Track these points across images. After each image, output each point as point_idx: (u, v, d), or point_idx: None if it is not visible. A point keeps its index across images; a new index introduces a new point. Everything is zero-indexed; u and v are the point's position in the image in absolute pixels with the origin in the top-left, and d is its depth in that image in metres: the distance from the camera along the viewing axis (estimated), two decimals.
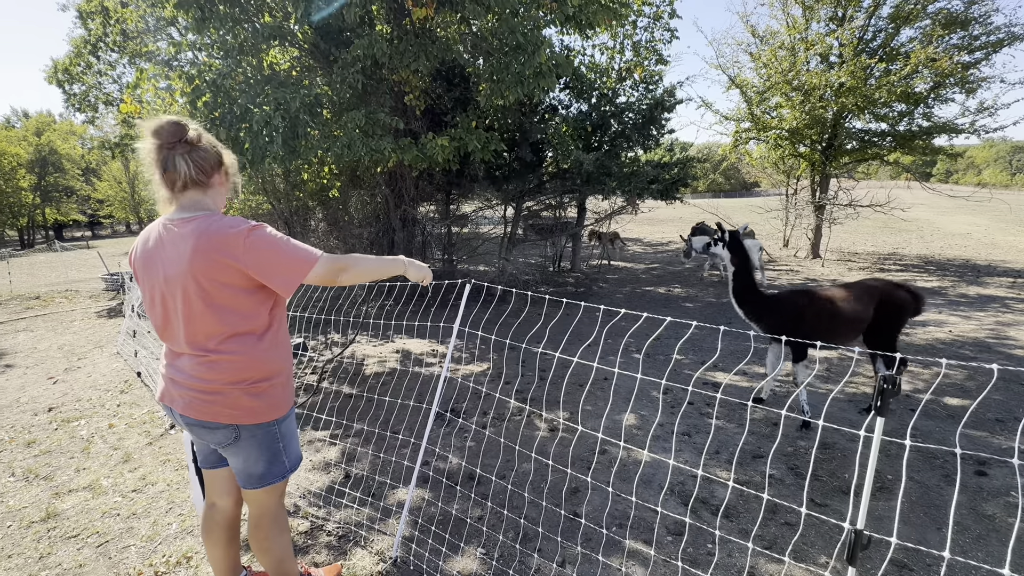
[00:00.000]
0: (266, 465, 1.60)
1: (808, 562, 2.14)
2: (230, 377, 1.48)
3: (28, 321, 8.18)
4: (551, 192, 9.29)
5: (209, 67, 6.30)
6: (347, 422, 3.59)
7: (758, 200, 30.07)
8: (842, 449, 3.09)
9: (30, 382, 4.97)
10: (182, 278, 1.40)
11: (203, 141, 1.49)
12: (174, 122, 1.42)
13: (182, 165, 1.43)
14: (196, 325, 1.44)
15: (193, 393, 1.49)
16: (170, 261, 1.42)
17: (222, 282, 1.40)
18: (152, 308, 1.52)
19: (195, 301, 1.41)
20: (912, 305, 3.43)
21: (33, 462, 3.26)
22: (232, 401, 1.49)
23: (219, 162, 1.53)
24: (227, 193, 1.61)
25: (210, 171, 1.49)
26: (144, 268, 1.50)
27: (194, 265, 1.38)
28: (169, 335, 1.53)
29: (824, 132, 11.36)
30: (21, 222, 35.28)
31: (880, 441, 1.22)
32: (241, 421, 1.52)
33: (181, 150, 1.43)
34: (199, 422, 1.52)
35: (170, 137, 1.42)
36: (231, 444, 1.55)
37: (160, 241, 1.46)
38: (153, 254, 1.47)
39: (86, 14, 8.55)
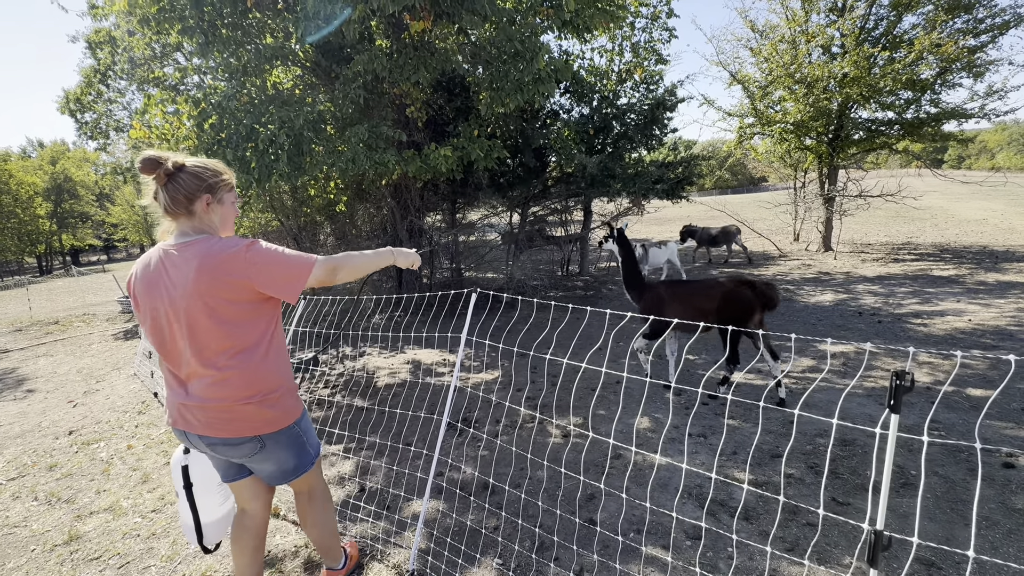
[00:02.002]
0: (296, 460, 1.72)
1: (831, 563, 2.09)
2: (244, 392, 1.53)
3: (48, 346, 8.34)
4: (556, 196, 9.29)
5: (214, 90, 6.43)
6: (360, 435, 3.60)
7: (766, 195, 29.81)
8: (862, 445, 3.03)
9: (51, 406, 5.06)
10: (188, 299, 1.45)
11: (184, 172, 1.51)
12: (147, 157, 1.47)
13: (161, 196, 1.50)
14: (204, 343, 1.49)
15: (211, 413, 1.53)
16: (174, 284, 1.47)
17: (228, 299, 1.47)
18: (155, 332, 1.54)
19: (202, 320, 1.47)
20: (757, 301, 3.63)
21: (55, 485, 3.31)
22: (251, 415, 1.55)
23: (202, 189, 1.53)
24: (226, 217, 1.63)
25: (187, 200, 1.51)
26: (146, 292, 1.52)
27: (200, 286, 1.44)
28: (173, 358, 1.55)
29: (830, 123, 11.24)
30: (39, 249, 36.12)
31: (897, 437, 1.19)
32: (263, 431, 1.59)
33: (159, 182, 1.50)
34: (222, 440, 1.57)
35: (147, 171, 1.48)
36: (257, 454, 1.63)
37: (161, 266, 1.51)
38: (155, 279, 1.51)
39: (95, 44, 8.79)
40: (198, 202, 1.53)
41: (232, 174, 1.65)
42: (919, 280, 7.87)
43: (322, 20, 4.85)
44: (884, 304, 6.51)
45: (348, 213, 9.28)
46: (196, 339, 1.49)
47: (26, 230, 32.07)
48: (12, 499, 3.18)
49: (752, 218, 17.15)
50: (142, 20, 5.63)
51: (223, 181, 1.59)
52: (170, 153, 1.52)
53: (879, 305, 6.47)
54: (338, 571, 2.09)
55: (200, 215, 1.54)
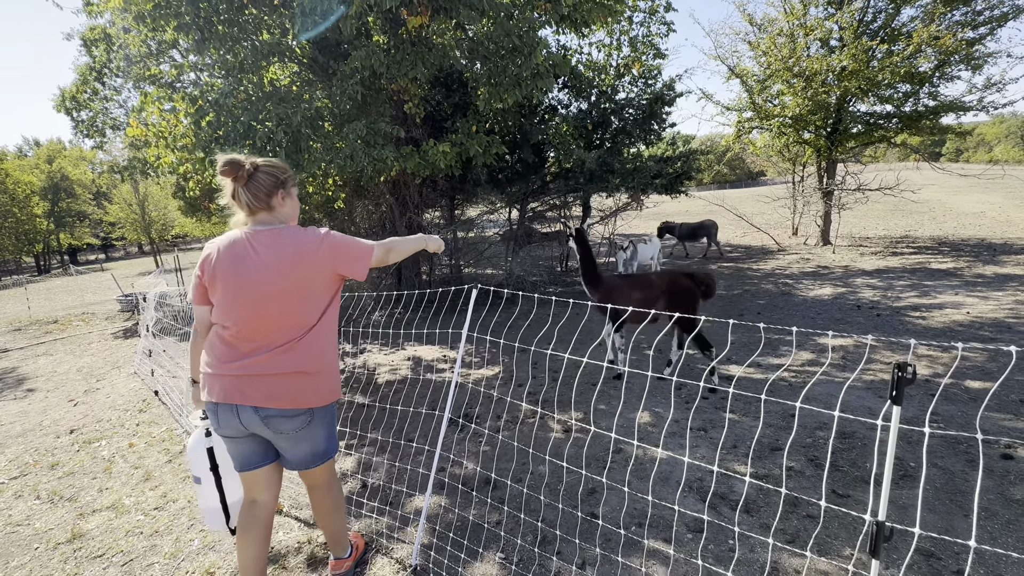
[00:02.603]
0: (327, 442, 1.86)
1: (832, 555, 2.11)
2: (308, 364, 1.71)
3: (48, 345, 8.33)
4: (555, 192, 9.28)
5: (211, 87, 6.40)
6: (362, 432, 3.61)
7: (764, 189, 29.81)
8: (862, 438, 3.05)
9: (52, 405, 5.06)
10: (284, 279, 1.65)
11: (260, 171, 1.70)
12: (229, 161, 1.65)
13: (243, 195, 1.69)
14: (287, 318, 1.67)
15: (275, 384, 1.67)
16: (266, 264, 1.65)
17: (312, 280, 1.69)
18: (235, 307, 1.66)
19: (292, 297, 1.66)
20: (696, 289, 4.04)
21: (57, 484, 3.32)
22: (309, 386, 1.72)
23: (276, 186, 1.73)
24: (294, 208, 1.83)
25: (267, 196, 1.71)
26: (231, 269, 1.66)
27: (297, 268, 1.66)
28: (249, 329, 1.67)
29: (828, 117, 11.23)
30: (37, 248, 35.99)
31: (898, 429, 1.20)
32: (315, 404, 1.75)
33: (240, 183, 1.68)
34: (279, 412, 1.69)
35: (229, 174, 1.66)
36: (304, 428, 1.76)
37: (249, 248, 1.67)
38: (243, 257, 1.66)
39: (90, 42, 8.74)
40: (275, 197, 1.73)
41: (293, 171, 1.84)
42: (917, 273, 7.88)
43: (318, 16, 4.82)
44: (883, 297, 6.52)
45: (347, 210, 9.26)
46: (281, 314, 1.66)
47: (23, 229, 31.93)
48: (14, 498, 3.19)
49: (751, 212, 17.16)
50: (137, 17, 5.60)
51: (290, 176, 1.80)
52: (243, 156, 1.69)
53: (878, 298, 6.49)
54: (346, 560, 2.15)
55: (277, 208, 1.75)
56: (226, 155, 1.65)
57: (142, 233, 29.81)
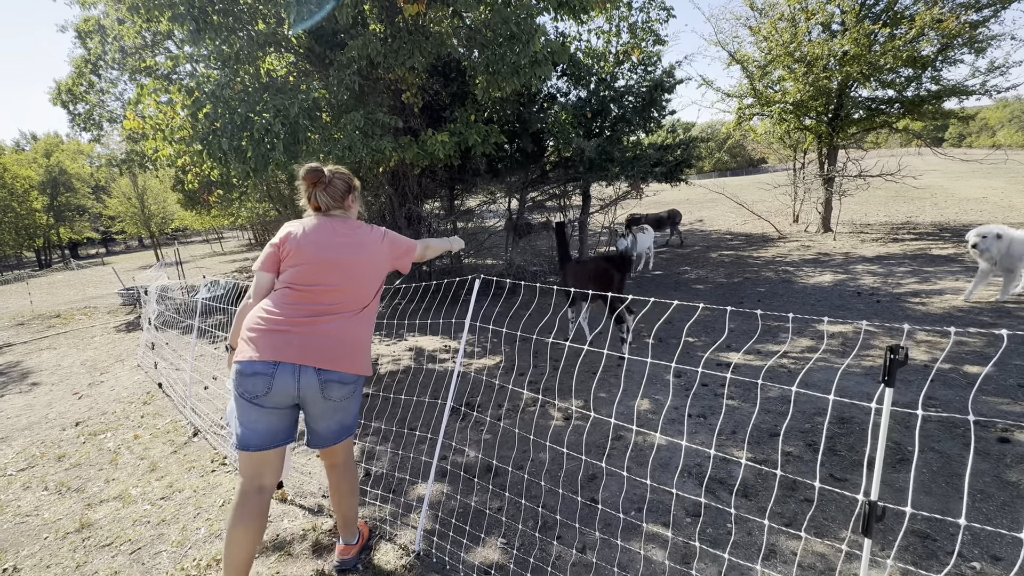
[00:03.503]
0: (354, 417, 2.04)
1: (828, 537, 2.14)
2: (363, 335, 1.96)
3: (51, 339, 8.38)
4: (554, 181, 9.24)
5: (208, 78, 6.36)
6: (365, 421, 3.64)
7: (765, 176, 29.65)
8: (860, 423, 3.07)
9: (57, 398, 5.10)
10: (355, 259, 1.95)
11: (336, 178, 2.04)
12: (313, 169, 1.98)
13: (323, 198, 2.03)
14: (357, 292, 1.95)
15: (340, 347, 1.87)
16: (346, 245, 1.96)
17: (373, 266, 2.01)
18: (316, 273, 1.90)
19: (358, 276, 1.95)
20: (612, 268, 4.64)
21: (64, 475, 3.36)
22: (364, 354, 1.96)
23: (349, 190, 2.07)
24: (357, 209, 2.17)
25: (342, 198, 2.06)
26: (320, 242, 1.94)
27: (364, 254, 1.98)
28: (325, 296, 1.90)
29: (829, 103, 11.13)
30: (37, 243, 36.00)
31: (891, 412, 1.21)
32: (365, 372, 1.97)
33: (320, 187, 2.01)
34: (337, 375, 1.86)
35: (311, 179, 1.99)
36: (349, 398, 1.94)
37: (332, 228, 1.98)
38: (328, 233, 1.96)
39: (84, 33, 8.66)
40: (348, 199, 2.08)
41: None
42: (918, 259, 7.87)
43: (314, 5, 4.78)
44: (883, 284, 6.52)
45: None
46: (351, 287, 1.93)
47: (23, 224, 31.91)
48: (23, 489, 3.23)
49: (751, 200, 17.09)
50: (131, 7, 5.55)
51: (356, 184, 2.13)
52: (321, 165, 2.01)
53: (878, 285, 6.49)
54: (354, 546, 2.20)
55: (349, 208, 2.10)
56: (307, 164, 1.99)
57: (142, 227, 29.77)
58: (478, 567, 2.13)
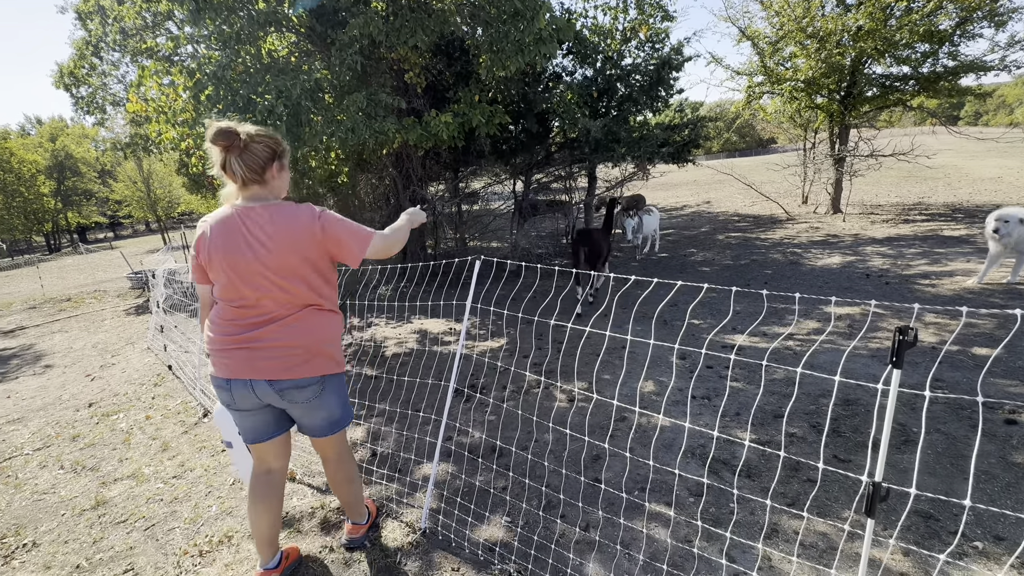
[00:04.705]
0: (341, 409, 1.90)
1: (831, 517, 2.15)
2: (317, 336, 1.74)
3: (62, 322, 8.50)
4: (559, 163, 9.14)
5: (209, 59, 6.28)
6: (370, 403, 3.69)
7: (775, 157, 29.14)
8: (865, 404, 3.06)
9: (70, 380, 5.20)
10: (283, 255, 1.63)
11: (255, 142, 1.63)
12: (223, 130, 1.57)
13: (237, 166, 1.63)
14: (288, 294, 1.67)
15: (286, 356, 1.69)
16: (260, 241, 1.62)
17: (306, 256, 1.66)
18: (234, 284, 1.65)
19: (287, 274, 1.65)
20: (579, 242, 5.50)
21: (79, 455, 3.44)
22: (320, 354, 1.75)
23: (271, 158, 1.68)
24: (286, 181, 1.78)
25: (261, 169, 1.65)
26: (224, 247, 1.64)
27: (295, 244, 1.63)
28: (251, 306, 1.68)
29: (842, 80, 10.85)
30: (46, 227, 36.32)
31: (897, 394, 1.20)
32: (327, 372, 1.79)
33: (234, 153, 1.62)
34: (292, 382, 1.72)
35: (222, 144, 1.60)
36: (318, 397, 1.79)
37: (241, 223, 1.64)
38: (235, 234, 1.63)
39: (84, 14, 8.56)
40: (270, 169, 1.68)
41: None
42: (929, 241, 7.76)
43: None
44: (892, 265, 6.44)
45: (350, 184, 9.20)
46: (281, 290, 1.66)
47: (32, 208, 32.15)
48: (39, 468, 3.31)
49: (760, 181, 16.84)
50: None
51: (284, 149, 1.75)
52: (236, 124, 1.61)
53: (887, 266, 6.41)
54: (363, 526, 2.23)
55: (270, 181, 1.70)
56: (217, 123, 1.56)
57: (148, 211, 29.92)
58: (483, 544, 2.16)
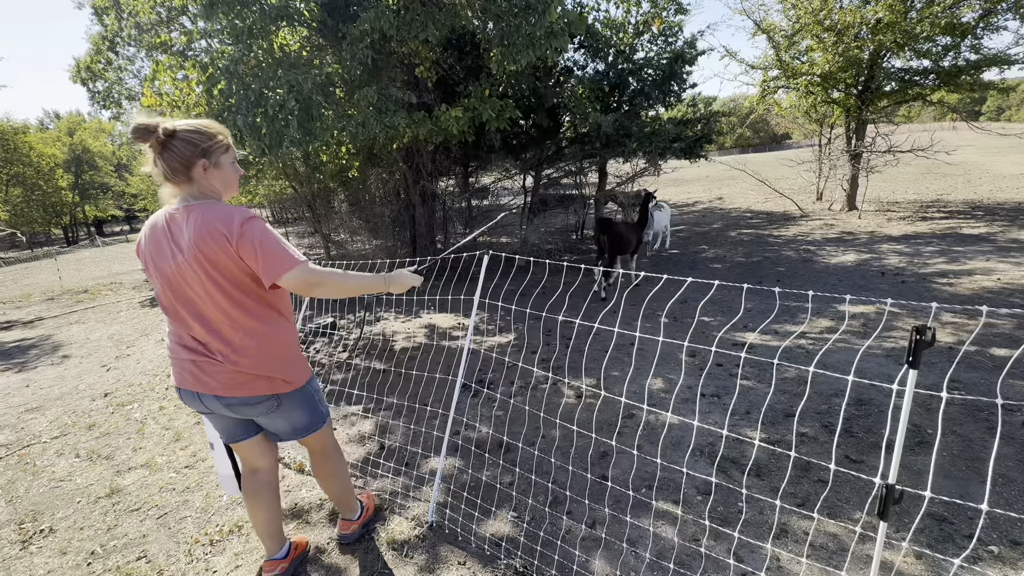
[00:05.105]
0: (308, 417, 1.80)
1: (841, 518, 2.12)
2: (260, 353, 1.58)
3: (79, 314, 8.65)
4: (570, 158, 9.09)
5: (222, 54, 6.32)
6: (379, 396, 3.71)
7: (789, 152, 28.72)
8: (878, 405, 3.02)
9: (86, 370, 5.29)
10: (194, 263, 1.46)
11: (176, 139, 1.47)
12: (138, 126, 1.44)
13: (159, 163, 1.49)
14: (212, 307, 1.52)
15: (228, 374, 1.57)
16: (179, 248, 1.48)
17: (224, 265, 1.47)
18: (164, 294, 1.56)
19: (207, 284, 1.48)
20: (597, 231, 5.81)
21: (95, 443, 3.50)
22: (267, 375, 1.62)
23: (196, 154, 1.49)
24: (226, 180, 1.59)
25: (184, 167, 1.49)
26: (154, 256, 1.54)
27: (201, 250, 1.45)
28: (181, 320, 1.57)
29: (859, 74, 10.65)
30: (64, 220, 36.95)
31: (913, 394, 1.18)
32: (280, 391, 1.67)
33: (155, 150, 1.48)
34: (241, 399, 1.61)
35: (140, 140, 1.45)
36: (274, 412, 1.69)
37: (166, 229, 1.52)
38: (160, 242, 1.52)
39: (100, 9, 8.65)
40: (195, 168, 1.50)
41: (228, 134, 1.59)
42: (947, 239, 7.60)
43: None
44: (909, 264, 6.32)
45: (361, 179, 9.23)
46: (204, 303, 1.51)
47: (50, 202, 32.72)
48: (56, 456, 3.38)
49: (773, 177, 16.61)
50: None
51: (217, 144, 1.53)
52: (162, 119, 1.46)
53: (903, 265, 6.30)
54: (354, 521, 2.19)
55: (199, 180, 1.52)
56: (141, 118, 1.43)
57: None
58: (489, 539, 2.17)
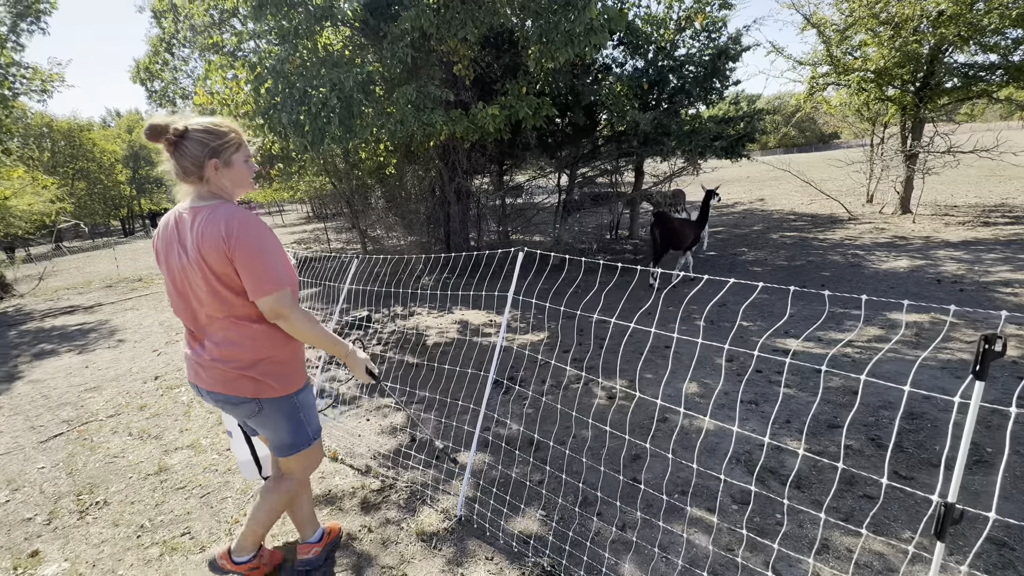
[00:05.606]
0: (292, 435, 1.74)
1: (889, 536, 2.01)
2: (247, 356, 1.59)
3: (134, 300, 9.16)
4: (606, 156, 8.97)
5: (269, 54, 6.55)
6: (411, 389, 3.76)
7: (837, 152, 27.46)
8: (932, 419, 2.84)
9: (139, 354, 5.60)
10: (195, 263, 1.49)
11: (187, 138, 1.49)
12: (151, 126, 1.47)
13: (171, 162, 1.52)
14: (207, 307, 1.56)
15: (217, 371, 1.61)
16: (184, 247, 1.52)
17: (221, 271, 1.49)
18: (170, 290, 1.62)
19: (204, 285, 1.52)
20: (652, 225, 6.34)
21: (145, 423, 3.70)
22: (253, 377, 1.61)
23: (206, 154, 1.50)
24: (237, 179, 1.60)
25: (195, 166, 1.50)
26: (164, 253, 1.59)
27: (201, 250, 1.47)
28: (185, 316, 1.63)
29: (918, 70, 10.06)
30: (122, 212, 39.20)
31: (978, 408, 1.10)
32: (262, 395, 1.65)
33: (168, 150, 1.50)
34: (225, 397, 1.64)
35: (153, 140, 1.49)
36: (256, 416, 1.69)
37: (176, 227, 1.56)
38: (170, 239, 1.57)
39: (159, 13, 9.11)
40: (207, 167, 1.51)
41: (241, 131, 1.59)
42: (1012, 245, 7.09)
43: None
44: (968, 271, 5.94)
45: (397, 176, 9.40)
46: (201, 302, 1.56)
47: (110, 195, 34.79)
48: (111, 433, 3.59)
49: (819, 178, 15.92)
50: None
51: (227, 142, 1.53)
52: (174, 118, 1.49)
53: (962, 272, 5.92)
54: (237, 564, 1.94)
55: (211, 179, 1.53)
56: (155, 117, 1.48)
57: None
58: (517, 536, 2.16)
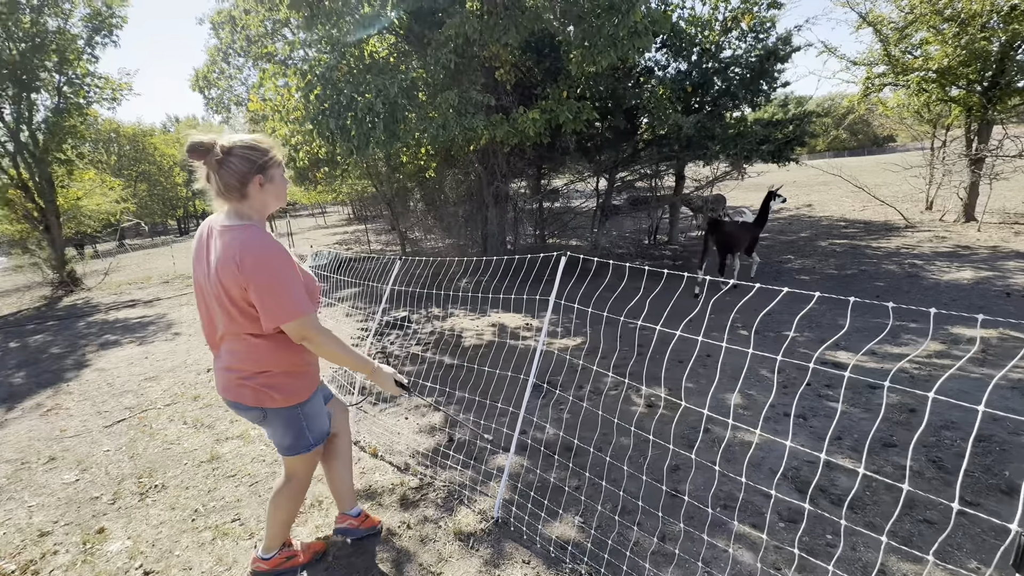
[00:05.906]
0: (292, 440, 1.81)
1: (954, 564, 1.89)
2: (249, 368, 1.67)
3: (189, 296, 9.68)
4: (646, 160, 8.84)
5: (319, 62, 6.82)
6: (450, 390, 3.81)
7: (893, 156, 26.03)
8: (1000, 442, 2.65)
9: (193, 347, 5.91)
10: (214, 281, 1.56)
11: (233, 155, 1.52)
12: (195, 143, 1.50)
13: (214, 179, 1.54)
14: (220, 320, 1.64)
15: (226, 378, 1.71)
16: (208, 261, 1.59)
17: (235, 295, 1.55)
18: (198, 294, 1.71)
19: (216, 301, 1.60)
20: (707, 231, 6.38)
21: (199, 413, 3.90)
22: (255, 388, 1.68)
23: (253, 171, 1.54)
24: (278, 192, 1.64)
25: (239, 184, 1.53)
26: (195, 261, 1.68)
27: (220, 275, 1.53)
28: (207, 324, 1.73)
29: (986, 69, 9.43)
30: (178, 213, 41.50)
31: None
32: (265, 405, 1.72)
33: (211, 167, 1.53)
34: (233, 403, 1.75)
35: (196, 158, 1.52)
36: (261, 423, 1.79)
37: (206, 242, 1.62)
38: (200, 253, 1.64)
39: (217, 25, 9.64)
40: (251, 184, 1.55)
41: (278, 147, 1.64)
42: None
43: None
44: None
45: (437, 179, 9.56)
46: (219, 318, 1.64)
47: (168, 196, 36.96)
48: (168, 421, 3.80)
49: (873, 184, 15.14)
50: None
51: (272, 159, 1.58)
52: (217, 136, 1.52)
53: None
54: (265, 560, 2.06)
55: (253, 196, 1.57)
56: (194, 135, 1.50)
57: None
58: (555, 541, 2.15)
